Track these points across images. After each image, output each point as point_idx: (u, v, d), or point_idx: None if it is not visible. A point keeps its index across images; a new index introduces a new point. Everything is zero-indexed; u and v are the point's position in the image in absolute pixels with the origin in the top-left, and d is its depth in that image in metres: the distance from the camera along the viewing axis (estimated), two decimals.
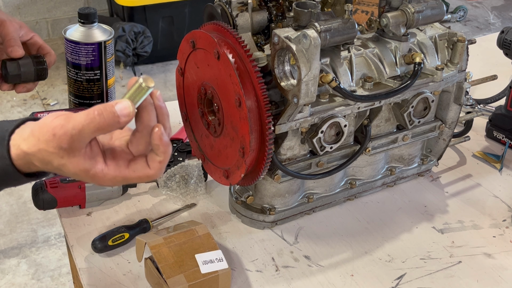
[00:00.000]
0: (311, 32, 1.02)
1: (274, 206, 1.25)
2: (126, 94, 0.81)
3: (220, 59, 1.07)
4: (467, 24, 4.85)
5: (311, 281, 1.15)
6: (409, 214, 1.33)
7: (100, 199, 1.29)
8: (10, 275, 2.48)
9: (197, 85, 1.18)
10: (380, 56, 1.22)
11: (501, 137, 1.57)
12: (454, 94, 1.33)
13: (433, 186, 1.42)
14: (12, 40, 1.16)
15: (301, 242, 1.24)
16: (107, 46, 1.43)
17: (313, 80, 1.04)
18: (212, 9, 1.20)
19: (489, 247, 1.25)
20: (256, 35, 1.22)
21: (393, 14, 1.19)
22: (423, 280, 1.16)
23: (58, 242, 2.64)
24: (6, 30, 1.17)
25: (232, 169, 1.15)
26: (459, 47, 1.26)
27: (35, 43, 1.19)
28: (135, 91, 0.80)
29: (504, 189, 1.42)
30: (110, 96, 1.50)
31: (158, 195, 1.34)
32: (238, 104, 1.06)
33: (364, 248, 1.23)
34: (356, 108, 1.18)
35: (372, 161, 1.32)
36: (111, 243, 1.17)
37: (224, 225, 1.27)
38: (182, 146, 1.46)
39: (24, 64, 1.14)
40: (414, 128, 1.31)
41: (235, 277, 1.14)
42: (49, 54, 1.19)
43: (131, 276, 1.14)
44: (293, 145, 1.18)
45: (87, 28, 1.43)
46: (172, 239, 1.11)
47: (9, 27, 1.17)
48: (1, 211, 2.79)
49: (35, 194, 1.24)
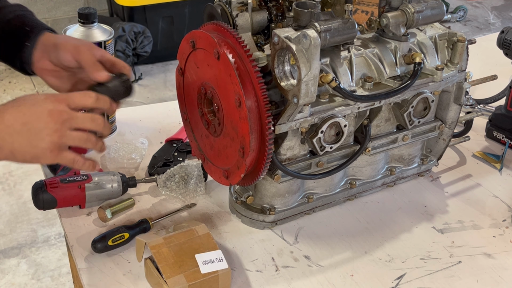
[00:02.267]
0: (311, 32, 1.02)
1: (274, 206, 1.25)
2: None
3: (220, 59, 1.07)
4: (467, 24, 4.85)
5: (311, 281, 1.15)
6: (409, 214, 1.33)
7: (100, 199, 1.28)
8: (10, 275, 2.48)
9: (197, 85, 1.18)
10: (380, 56, 1.22)
11: (501, 137, 1.57)
12: (454, 94, 1.33)
13: (433, 186, 1.42)
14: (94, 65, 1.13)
15: (301, 242, 1.24)
16: (107, 46, 1.43)
17: (313, 80, 1.04)
18: (212, 9, 1.20)
19: (489, 247, 1.25)
20: (256, 35, 1.22)
21: (393, 14, 1.19)
22: (423, 280, 1.16)
23: (58, 242, 2.64)
24: (83, 55, 1.14)
25: (232, 169, 1.15)
26: (459, 47, 1.26)
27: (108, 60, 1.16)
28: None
29: (504, 189, 1.42)
30: None
31: (158, 195, 1.34)
32: (238, 104, 1.06)
33: (364, 248, 1.23)
34: (356, 108, 1.18)
35: (372, 161, 1.32)
36: (111, 243, 1.17)
37: (224, 225, 1.27)
38: (182, 146, 1.46)
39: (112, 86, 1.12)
40: (414, 128, 1.31)
41: (235, 277, 1.14)
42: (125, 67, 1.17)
43: (131, 276, 1.14)
44: (293, 145, 1.18)
45: (87, 28, 1.43)
46: (172, 239, 1.11)
47: (85, 52, 1.14)
48: (1, 211, 2.79)
49: (35, 194, 1.24)
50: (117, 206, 1.28)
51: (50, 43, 1.17)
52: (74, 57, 1.14)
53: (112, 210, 1.26)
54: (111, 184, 1.28)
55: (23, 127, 0.99)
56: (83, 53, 1.14)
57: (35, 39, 1.18)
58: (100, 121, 1.06)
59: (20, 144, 1.00)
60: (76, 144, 1.03)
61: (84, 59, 1.13)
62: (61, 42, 1.16)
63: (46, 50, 1.17)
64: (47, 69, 1.18)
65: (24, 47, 1.18)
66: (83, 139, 1.04)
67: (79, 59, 1.14)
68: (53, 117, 1.00)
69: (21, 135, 0.99)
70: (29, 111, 1.00)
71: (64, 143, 1.02)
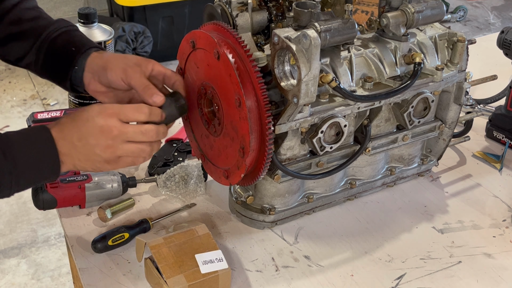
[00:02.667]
0: (311, 32, 1.02)
1: (274, 206, 1.25)
2: None
3: (220, 59, 1.07)
4: (467, 24, 4.85)
5: (311, 281, 1.15)
6: (409, 214, 1.33)
7: (100, 199, 1.29)
8: (10, 275, 2.48)
9: (197, 85, 1.18)
10: (380, 56, 1.22)
11: (501, 137, 1.57)
12: (454, 94, 1.33)
13: (433, 186, 1.42)
14: (146, 88, 1.09)
15: (301, 242, 1.24)
16: (107, 46, 1.43)
17: (313, 80, 1.04)
18: (212, 9, 1.20)
19: (489, 247, 1.25)
20: (256, 35, 1.22)
21: (393, 14, 1.19)
22: (423, 280, 1.16)
23: (58, 242, 2.64)
24: (133, 79, 1.11)
25: (232, 169, 1.15)
26: (459, 47, 1.26)
27: (159, 73, 1.13)
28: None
29: (504, 189, 1.42)
30: None
31: (158, 195, 1.34)
32: (238, 104, 1.06)
33: (364, 248, 1.23)
34: (356, 108, 1.18)
35: (372, 161, 1.32)
36: (111, 243, 1.17)
37: (224, 225, 1.27)
38: (182, 146, 1.46)
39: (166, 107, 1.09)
40: (414, 128, 1.31)
41: (235, 277, 1.14)
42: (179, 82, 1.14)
43: (131, 276, 1.14)
44: (293, 145, 1.18)
45: (87, 28, 1.43)
46: (172, 239, 1.11)
47: (134, 75, 1.11)
48: (1, 211, 2.79)
49: (35, 194, 1.24)
50: (117, 206, 1.28)
51: (98, 66, 1.15)
52: (124, 81, 1.12)
53: (112, 210, 1.26)
54: (111, 184, 1.28)
55: (79, 142, 1.00)
56: (132, 76, 1.11)
57: (82, 62, 1.17)
58: (152, 134, 1.04)
59: (79, 159, 1.01)
60: (130, 155, 1.04)
61: (135, 83, 1.10)
62: (109, 64, 1.14)
63: (95, 73, 1.16)
64: (100, 91, 1.17)
65: (73, 70, 1.17)
66: (136, 152, 1.04)
67: (129, 82, 1.11)
68: (103, 133, 1.00)
69: (78, 150, 1.00)
70: (83, 127, 1.00)
71: (118, 155, 1.03)
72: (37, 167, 0.99)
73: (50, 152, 0.99)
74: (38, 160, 0.98)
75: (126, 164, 1.05)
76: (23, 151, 0.97)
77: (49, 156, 0.99)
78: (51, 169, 1.00)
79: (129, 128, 1.02)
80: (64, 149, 1.00)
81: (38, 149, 0.99)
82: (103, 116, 1.01)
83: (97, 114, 1.01)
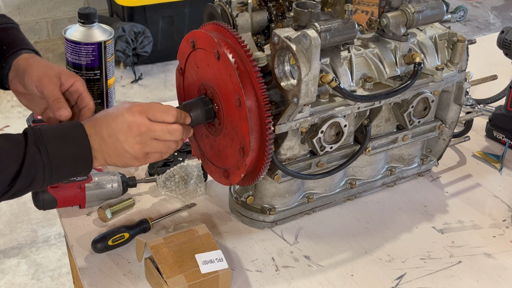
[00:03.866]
0: (311, 32, 1.02)
1: (274, 206, 1.25)
2: None
3: (220, 59, 1.07)
4: (467, 24, 4.85)
5: (311, 281, 1.15)
6: (409, 214, 1.33)
7: (100, 199, 1.28)
8: (10, 275, 2.48)
9: (197, 85, 1.18)
10: (380, 56, 1.22)
11: (501, 137, 1.57)
12: (454, 94, 1.33)
13: (433, 186, 1.42)
14: (57, 101, 1.11)
15: (301, 242, 1.24)
16: (107, 46, 1.43)
17: (313, 80, 1.04)
18: (212, 9, 1.20)
19: (489, 247, 1.25)
20: (256, 35, 1.22)
21: (393, 14, 1.19)
22: (423, 280, 1.16)
23: (58, 242, 2.64)
24: (45, 89, 1.12)
25: (232, 169, 1.15)
26: (459, 47, 1.26)
27: (76, 91, 1.14)
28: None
29: (504, 189, 1.42)
30: (110, 96, 1.50)
31: (158, 195, 1.34)
32: (238, 104, 1.06)
33: (364, 248, 1.23)
34: (356, 108, 1.18)
35: (372, 161, 1.32)
36: (111, 243, 1.17)
37: (224, 225, 1.27)
38: (182, 146, 1.45)
39: (193, 110, 1.10)
40: (414, 128, 1.31)
41: (235, 277, 1.14)
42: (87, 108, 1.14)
43: (131, 276, 1.14)
44: (293, 145, 1.18)
45: (87, 28, 1.43)
46: (172, 239, 1.11)
47: (48, 85, 1.12)
48: (1, 211, 2.79)
49: (35, 194, 1.24)
50: (117, 206, 1.28)
51: (21, 67, 1.16)
52: (37, 88, 1.13)
53: (112, 210, 1.26)
54: (111, 184, 1.28)
55: (109, 138, 1.02)
56: (46, 86, 1.12)
57: (9, 61, 1.18)
58: (178, 134, 1.07)
59: (109, 155, 1.03)
60: (157, 151, 1.06)
61: (47, 93, 1.12)
62: (29, 69, 1.15)
63: (18, 74, 1.17)
64: (19, 91, 1.19)
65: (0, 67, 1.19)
66: (164, 149, 1.07)
67: (42, 91, 1.13)
68: (132, 129, 1.02)
69: (109, 146, 1.02)
70: (113, 122, 1.02)
71: (146, 152, 1.05)
72: (71, 162, 1.00)
73: (83, 148, 1.00)
74: (72, 156, 1.00)
75: (154, 159, 1.08)
76: (57, 147, 0.98)
77: (83, 152, 1.01)
78: (84, 165, 1.02)
79: (157, 127, 1.04)
80: (96, 145, 1.02)
81: (72, 144, 1.00)
82: (132, 113, 1.03)
83: (127, 111, 1.03)
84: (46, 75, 1.14)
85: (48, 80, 1.13)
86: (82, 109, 1.15)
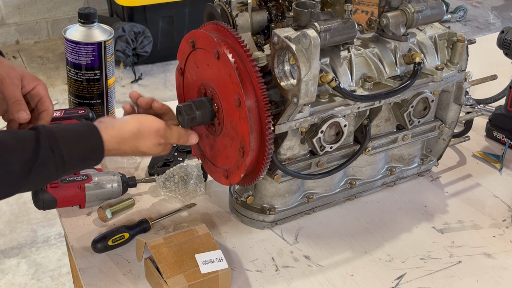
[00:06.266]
0: (311, 32, 1.02)
1: (274, 206, 1.25)
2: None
3: (220, 59, 1.07)
4: (467, 24, 4.85)
5: (311, 281, 1.15)
6: (409, 214, 1.33)
7: (100, 199, 1.28)
8: (10, 275, 2.48)
9: (197, 85, 1.18)
10: (380, 56, 1.22)
11: (501, 137, 1.57)
12: (454, 94, 1.33)
13: (433, 186, 1.42)
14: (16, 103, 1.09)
15: (301, 242, 1.24)
16: (107, 46, 1.43)
17: (313, 80, 1.04)
18: (212, 9, 1.20)
19: (489, 247, 1.25)
20: (256, 35, 1.22)
21: (393, 14, 1.19)
22: (423, 280, 1.16)
23: (58, 242, 2.64)
24: (6, 90, 1.10)
25: (232, 169, 1.15)
26: (459, 47, 1.26)
27: (37, 95, 1.12)
28: None
29: (504, 189, 1.42)
30: (110, 96, 1.50)
31: (158, 195, 1.34)
32: (238, 104, 1.06)
33: (364, 248, 1.23)
34: (356, 108, 1.18)
35: (372, 161, 1.32)
36: (111, 243, 1.17)
37: (224, 225, 1.27)
38: (182, 146, 1.45)
39: (199, 115, 1.11)
40: (414, 128, 1.31)
41: (235, 277, 1.14)
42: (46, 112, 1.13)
43: (131, 276, 1.14)
44: (293, 145, 1.18)
45: (87, 28, 1.43)
46: (172, 239, 1.11)
47: (9, 86, 1.10)
48: (1, 211, 2.79)
49: (35, 194, 1.24)
50: (117, 206, 1.28)
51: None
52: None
53: (112, 210, 1.26)
54: (111, 184, 1.28)
55: (130, 151, 1.09)
56: (7, 87, 1.11)
57: None
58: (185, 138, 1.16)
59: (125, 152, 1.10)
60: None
61: (7, 94, 1.11)
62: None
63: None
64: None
65: None
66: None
67: (2, 92, 1.11)
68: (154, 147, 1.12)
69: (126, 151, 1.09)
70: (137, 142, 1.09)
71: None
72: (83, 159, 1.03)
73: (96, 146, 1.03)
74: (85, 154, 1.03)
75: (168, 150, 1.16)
76: (71, 147, 1.00)
77: (94, 147, 1.03)
78: (94, 161, 1.05)
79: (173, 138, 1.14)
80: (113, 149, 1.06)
81: (86, 145, 1.02)
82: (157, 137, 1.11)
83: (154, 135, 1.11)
84: (8, 76, 1.12)
85: (9, 82, 1.11)
86: (42, 113, 1.14)
